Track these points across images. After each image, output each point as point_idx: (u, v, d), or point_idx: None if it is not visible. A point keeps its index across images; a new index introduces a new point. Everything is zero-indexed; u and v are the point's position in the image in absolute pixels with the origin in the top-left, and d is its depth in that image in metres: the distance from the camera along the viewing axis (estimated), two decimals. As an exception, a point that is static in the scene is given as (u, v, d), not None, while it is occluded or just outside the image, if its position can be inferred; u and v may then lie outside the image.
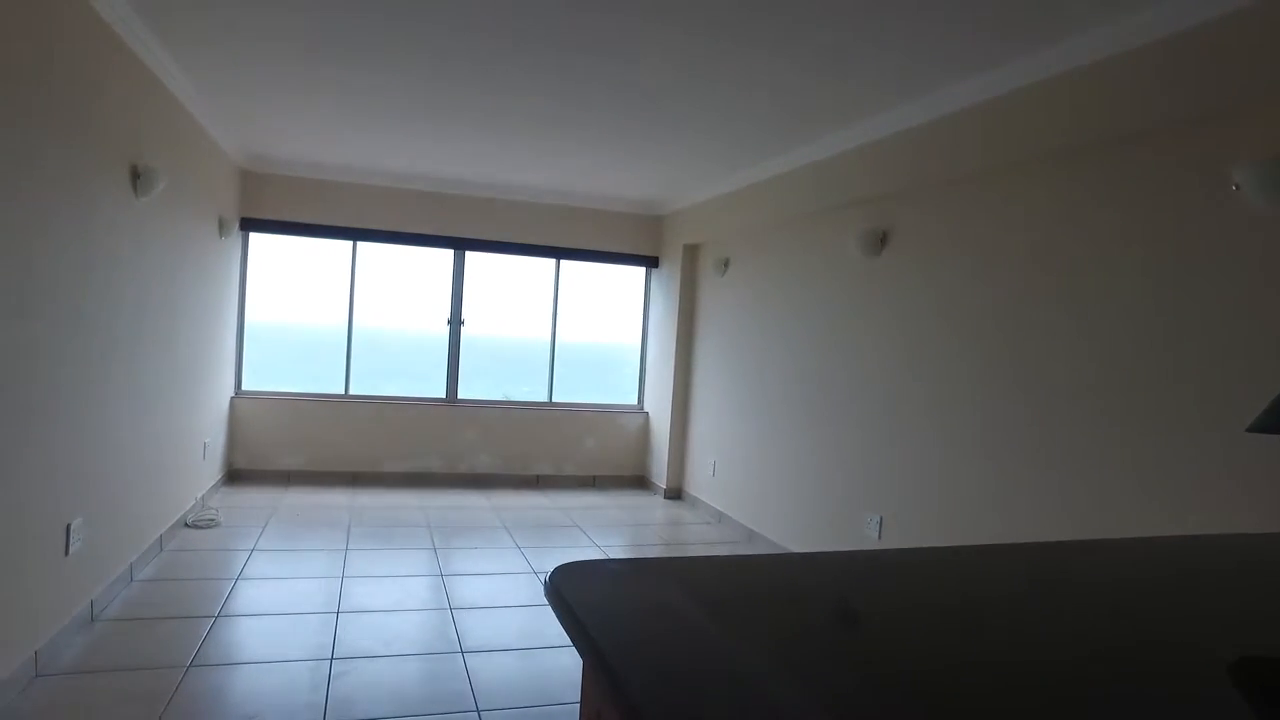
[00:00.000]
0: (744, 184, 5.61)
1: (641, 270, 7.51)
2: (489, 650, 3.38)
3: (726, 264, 6.20)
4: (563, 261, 7.22)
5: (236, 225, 5.98)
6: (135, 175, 3.62)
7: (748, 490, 5.63)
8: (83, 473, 3.26)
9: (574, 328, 7.41)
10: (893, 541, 4.07)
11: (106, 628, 3.37)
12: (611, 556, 4.94)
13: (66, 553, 3.15)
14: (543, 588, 1.20)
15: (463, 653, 3.33)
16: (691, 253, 6.82)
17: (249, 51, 3.75)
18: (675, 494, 6.84)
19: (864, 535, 4.28)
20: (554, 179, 6.32)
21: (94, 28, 3.12)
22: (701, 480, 6.45)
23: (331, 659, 3.19)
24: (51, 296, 2.88)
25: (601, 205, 7.10)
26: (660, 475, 7.01)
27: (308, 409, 6.58)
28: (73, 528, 3.18)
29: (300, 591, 3.94)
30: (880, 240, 4.32)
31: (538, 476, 7.10)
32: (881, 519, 4.18)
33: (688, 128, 4.51)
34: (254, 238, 6.51)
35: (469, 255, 6.97)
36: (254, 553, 4.52)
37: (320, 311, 6.87)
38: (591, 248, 7.17)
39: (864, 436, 4.36)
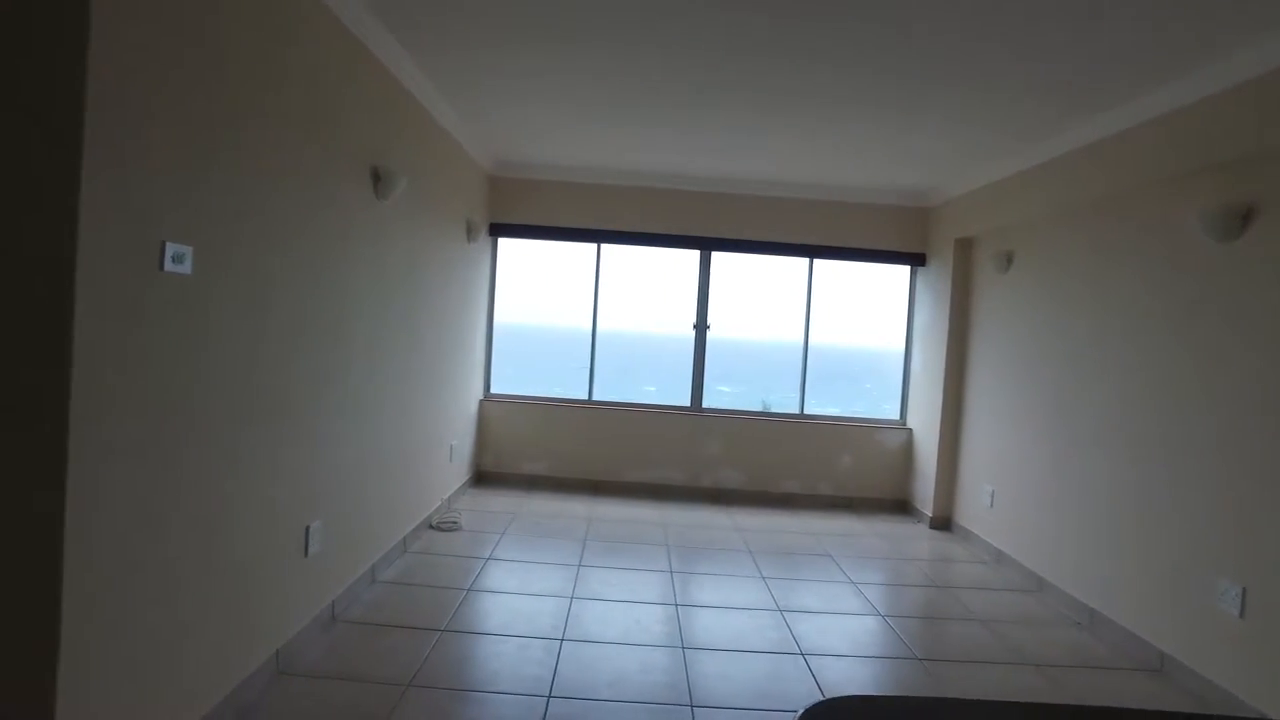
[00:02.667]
0: (1033, 163, 4.65)
1: (905, 269, 6.67)
2: (720, 707, 2.88)
3: (1009, 259, 5.23)
4: (816, 261, 6.58)
5: (485, 230, 6.05)
6: (376, 178, 3.58)
7: (1036, 528, 4.63)
8: (322, 476, 3.23)
9: (828, 333, 6.74)
10: (1264, 624, 3.01)
11: (344, 631, 3.33)
12: (867, 595, 4.25)
13: (305, 554, 3.12)
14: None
15: (691, 707, 2.86)
16: (964, 248, 5.89)
17: (491, 55, 3.61)
18: (943, 524, 5.93)
19: (1214, 610, 3.23)
20: (808, 171, 5.73)
21: (340, 38, 3.09)
22: (975, 510, 5.50)
23: (549, 696, 2.87)
24: (294, 298, 2.84)
25: (860, 198, 6.38)
26: (925, 501, 6.13)
27: (552, 414, 6.53)
28: (311, 530, 3.14)
29: (528, 611, 3.70)
30: (1242, 217, 3.25)
31: (786, 495, 6.51)
32: (1244, 591, 3.11)
33: (968, 95, 3.73)
34: (502, 242, 6.59)
35: (715, 256, 6.57)
36: (489, 562, 4.41)
37: (565, 315, 6.83)
38: (848, 245, 6.47)
39: (1220, 473, 3.28)
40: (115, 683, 2.04)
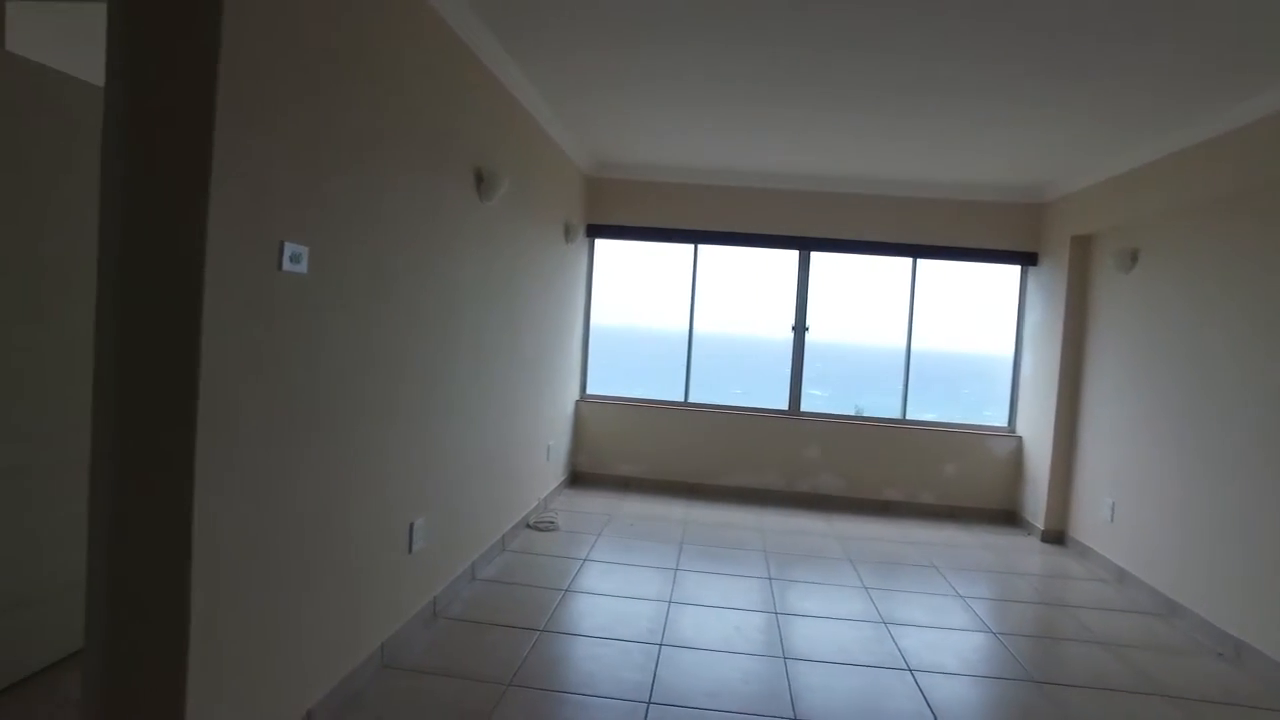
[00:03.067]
0: (1162, 154, 4.34)
1: (1015, 269, 6.36)
2: (827, 722, 2.79)
3: (1134, 257, 4.90)
4: (920, 261, 6.35)
5: (583, 231, 6.08)
6: (479, 179, 3.63)
7: (1165, 545, 4.31)
8: (427, 473, 3.30)
9: (929, 335, 6.49)
10: None
11: (445, 626, 3.38)
12: (976, 610, 4.05)
13: (410, 550, 3.18)
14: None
15: (794, 719, 2.78)
16: (1082, 245, 5.55)
17: (591, 56, 3.61)
18: (1056, 538, 5.62)
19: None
20: (913, 167, 5.53)
21: (450, 44, 3.14)
22: (1094, 524, 5.18)
23: (649, 702, 2.83)
24: (404, 298, 2.90)
25: (967, 195, 6.11)
26: (1036, 513, 5.82)
27: (648, 416, 6.52)
28: (415, 527, 3.21)
29: (625, 614, 3.68)
30: None
31: (886, 503, 6.30)
32: None
33: (1099, 86, 3.50)
34: (598, 243, 6.62)
35: (814, 256, 6.42)
36: (586, 563, 4.42)
37: (661, 316, 6.80)
38: (954, 244, 6.21)
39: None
40: (237, 666, 2.11)
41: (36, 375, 2.66)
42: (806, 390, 6.55)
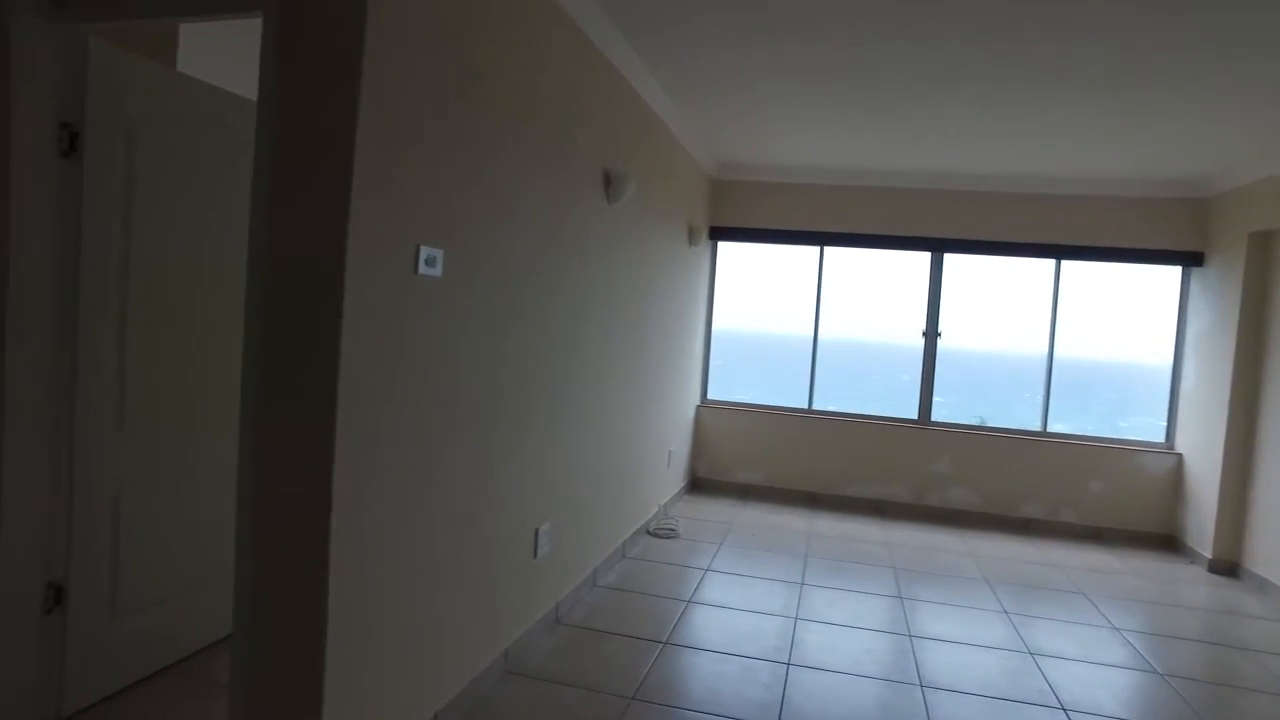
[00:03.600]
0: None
1: (1175, 270, 5.82)
2: (974, 762, 2.58)
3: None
4: (1064, 262, 5.91)
5: (706, 233, 5.98)
6: (607, 180, 3.60)
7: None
8: (552, 479, 3.29)
9: (1072, 341, 6.04)
10: None
11: (567, 634, 3.36)
12: (1135, 645, 3.70)
13: (535, 556, 3.18)
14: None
15: (939, 758, 2.59)
16: (1261, 243, 5.01)
17: (719, 54, 3.52)
18: (1227, 568, 5.09)
19: None
20: (1056, 162, 5.14)
21: (578, 43, 3.12)
22: (1276, 556, 4.66)
23: (778, 726, 2.71)
24: (534, 301, 2.90)
25: (1119, 190, 5.65)
26: (1202, 539, 5.29)
27: (769, 422, 6.35)
28: (540, 533, 3.20)
29: (750, 629, 3.56)
30: None
31: (1024, 520, 5.91)
32: None
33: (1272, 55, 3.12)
34: (721, 245, 6.51)
35: (948, 258, 6.09)
36: (708, 573, 4.32)
37: (783, 321, 6.63)
38: (1104, 244, 5.75)
39: None
40: (373, 661, 2.14)
41: (198, 374, 2.80)
42: (947, 398, 6.24)
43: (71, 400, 2.42)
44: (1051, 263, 5.94)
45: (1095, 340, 6.36)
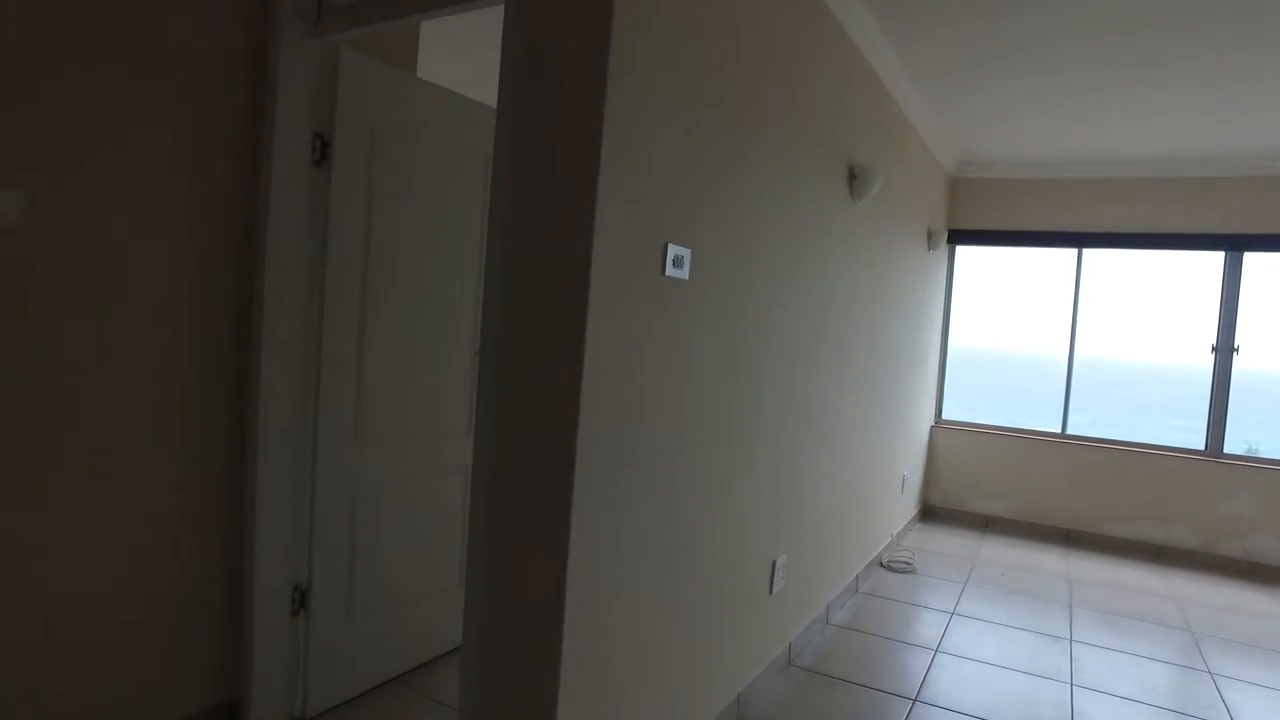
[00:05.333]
0: None
1: None
2: None
3: None
4: None
5: (944, 237, 5.42)
6: (852, 176, 3.25)
7: None
8: (788, 505, 2.98)
9: None
10: None
11: (801, 679, 3.03)
12: None
13: (770, 591, 2.88)
14: None
15: None
16: None
17: (972, 25, 3.07)
18: None
19: None
20: None
21: (821, 20, 2.81)
22: None
23: (1074, 827, 2.22)
24: (772, 309, 2.61)
25: None
26: None
27: (1015, 447, 5.64)
28: (777, 565, 2.90)
29: (1016, 693, 3.04)
30: None
31: (1356, 581, 4.80)
32: None
33: None
34: (960, 250, 5.89)
35: (1248, 258, 5.10)
36: (954, 618, 3.80)
37: (1031, 333, 5.89)
38: None
39: None
40: (604, 698, 1.93)
41: (431, 381, 2.78)
42: (1166, 421, 5.26)
43: (316, 406, 2.44)
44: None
45: None
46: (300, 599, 2.49)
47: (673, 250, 1.96)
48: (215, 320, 2.26)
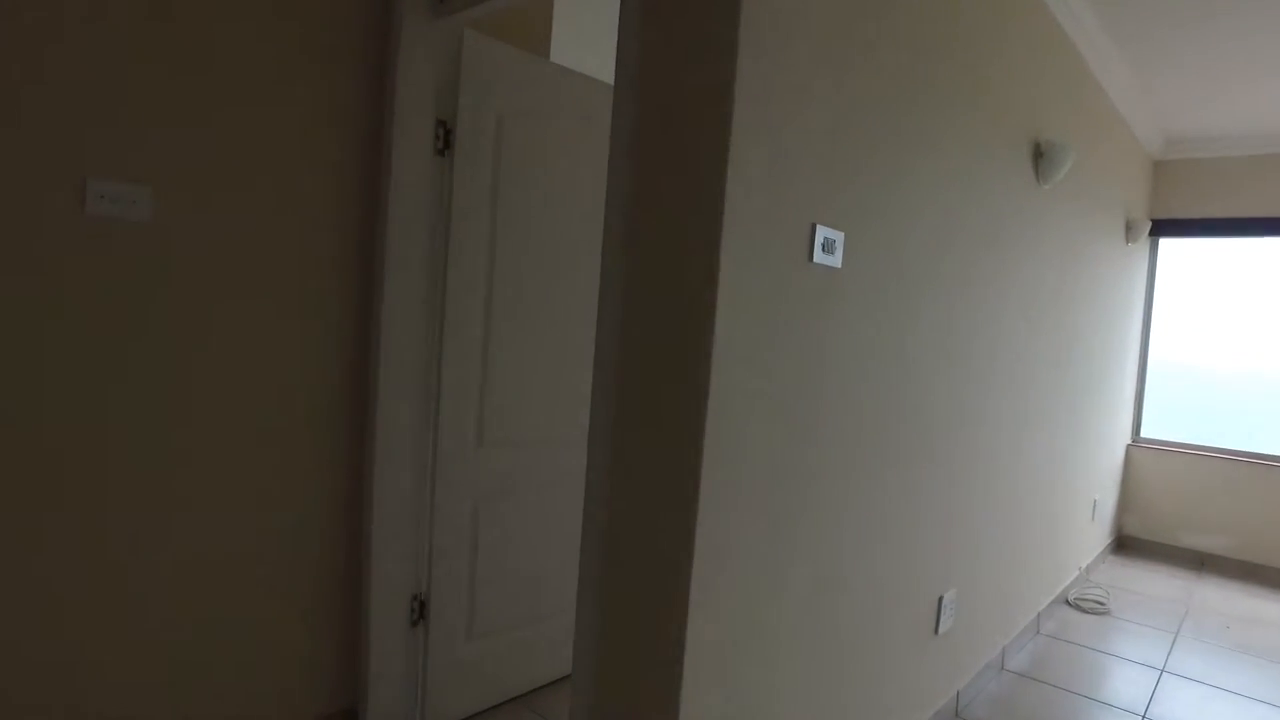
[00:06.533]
0: None
1: None
2: None
3: None
4: None
5: (1146, 229, 4.71)
6: (1037, 154, 2.78)
7: None
8: (957, 531, 2.56)
9: None
10: None
11: (972, 736, 2.60)
12: None
13: (935, 631, 2.48)
14: None
15: None
16: None
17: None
18: None
19: None
20: None
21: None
22: None
23: None
24: (940, 308, 2.23)
25: None
26: None
27: (1235, 472, 4.79)
28: (944, 601, 2.50)
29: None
30: None
31: None
32: None
33: None
34: (1164, 244, 5.12)
35: None
36: (1164, 676, 3.20)
37: (1246, 343, 5.02)
38: None
39: None
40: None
41: (553, 386, 2.60)
42: None
43: (437, 409, 2.31)
44: None
45: None
46: (419, 609, 2.37)
47: (822, 233, 1.65)
48: (335, 318, 2.17)
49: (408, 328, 2.25)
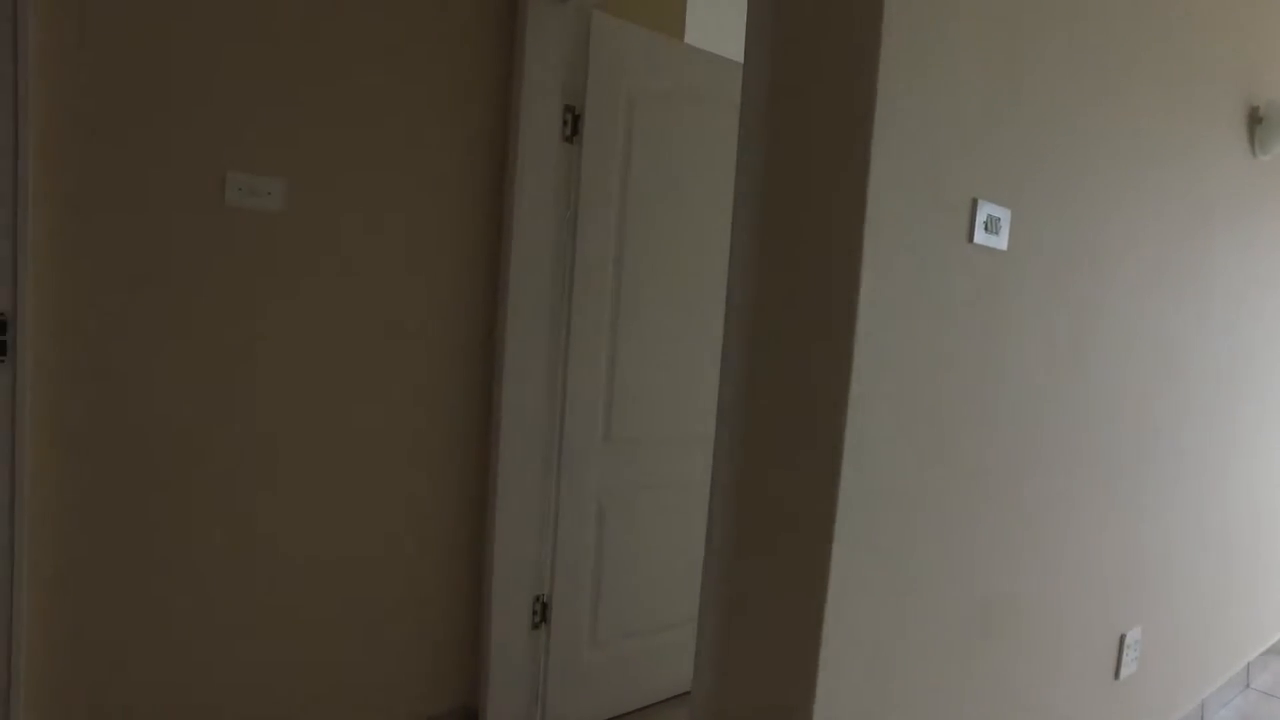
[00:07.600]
0: None
1: None
2: None
3: None
4: None
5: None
6: (1254, 120, 2.37)
7: None
8: (1147, 559, 2.21)
9: None
10: None
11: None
12: None
13: (1116, 675, 2.15)
14: None
15: None
16: None
17: None
18: None
19: None
20: None
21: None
22: None
23: None
24: (1124, 300, 1.92)
25: None
26: None
27: None
28: (1127, 641, 2.16)
29: None
30: None
31: None
32: None
33: None
34: None
35: None
36: None
37: None
38: None
39: None
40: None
41: (681, 381, 2.47)
42: None
43: (563, 406, 2.24)
44: None
45: None
46: (541, 611, 2.31)
47: (985, 209, 1.43)
48: (463, 311, 2.14)
49: (534, 322, 2.19)
